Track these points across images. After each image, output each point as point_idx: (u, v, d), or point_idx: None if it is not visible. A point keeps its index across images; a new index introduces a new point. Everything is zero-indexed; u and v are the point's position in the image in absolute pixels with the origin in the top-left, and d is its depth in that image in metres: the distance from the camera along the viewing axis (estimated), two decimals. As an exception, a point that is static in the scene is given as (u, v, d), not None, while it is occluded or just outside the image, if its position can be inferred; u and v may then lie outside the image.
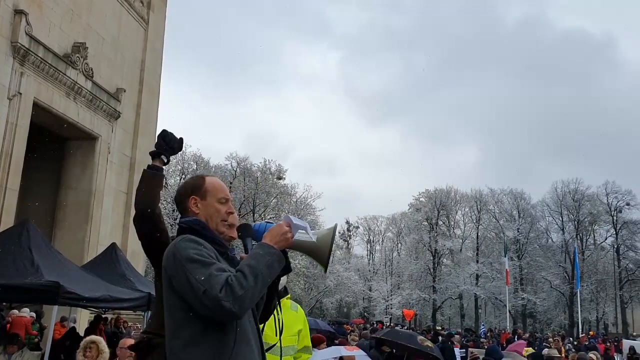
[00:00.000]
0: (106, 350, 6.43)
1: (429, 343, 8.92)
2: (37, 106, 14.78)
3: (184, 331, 2.20)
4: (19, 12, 14.09)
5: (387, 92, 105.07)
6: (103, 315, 13.81)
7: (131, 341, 5.94)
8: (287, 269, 2.45)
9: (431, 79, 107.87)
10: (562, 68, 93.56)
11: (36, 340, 13.28)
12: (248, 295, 2.10)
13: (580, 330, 42.96)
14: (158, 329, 2.76)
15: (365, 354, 8.69)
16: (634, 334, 40.76)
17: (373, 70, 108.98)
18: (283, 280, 3.27)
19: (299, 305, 4.44)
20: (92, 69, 16.97)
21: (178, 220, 2.56)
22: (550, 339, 23.02)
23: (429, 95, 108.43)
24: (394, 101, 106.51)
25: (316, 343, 9.35)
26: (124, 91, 18.86)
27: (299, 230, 2.39)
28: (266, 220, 2.72)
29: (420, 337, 8.92)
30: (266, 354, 3.60)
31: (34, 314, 14.03)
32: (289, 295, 4.32)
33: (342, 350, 8.22)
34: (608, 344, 25.69)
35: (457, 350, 15.03)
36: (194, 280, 2.11)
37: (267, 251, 2.24)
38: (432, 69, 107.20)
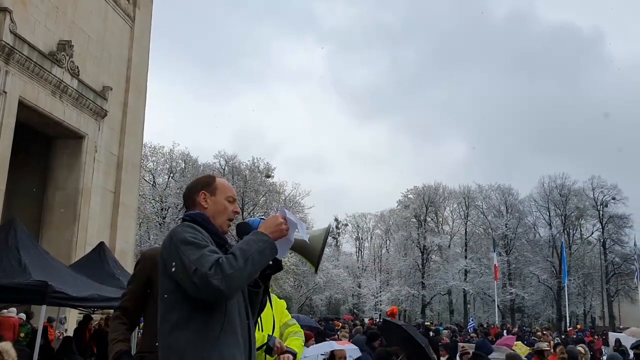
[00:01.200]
0: (12, 356, 6.42)
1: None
2: (22, 105, 14.63)
3: (172, 315, 2.26)
4: (2, 10, 13.91)
5: (375, 87, 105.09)
6: (92, 315, 13.71)
7: None
8: (278, 267, 2.52)
9: (420, 75, 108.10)
10: (550, 63, 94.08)
11: (25, 343, 13.13)
12: (237, 275, 2.15)
13: (567, 324, 43.35)
14: (150, 347, 2.78)
15: (357, 348, 8.72)
16: (621, 326, 41.16)
17: (361, 65, 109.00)
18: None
19: (274, 296, 4.44)
20: (77, 67, 16.81)
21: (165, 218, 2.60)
22: (539, 333, 23.21)
23: (417, 90, 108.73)
24: (382, 97, 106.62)
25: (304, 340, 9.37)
26: (111, 89, 18.71)
27: (295, 229, 2.43)
28: (259, 216, 2.76)
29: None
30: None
31: (23, 315, 13.86)
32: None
33: (334, 345, 8.25)
34: (596, 337, 25.93)
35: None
36: (186, 260, 2.19)
37: (260, 238, 2.30)
38: (420, 64, 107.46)
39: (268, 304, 2.73)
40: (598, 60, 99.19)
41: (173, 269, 2.24)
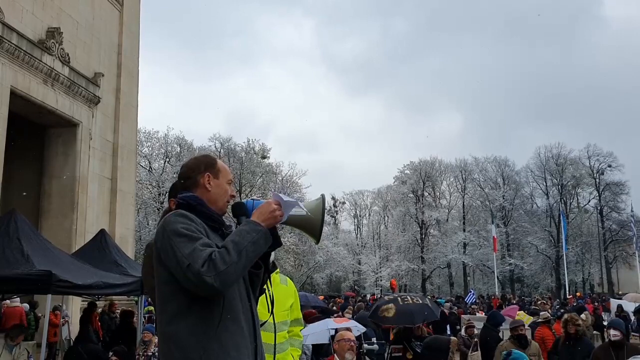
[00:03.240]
0: None
1: (387, 312, 8.41)
2: (14, 95, 14.48)
3: (170, 305, 2.23)
4: (-11, -1, 13.72)
5: (366, 59, 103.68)
6: (97, 302, 13.75)
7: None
8: (276, 243, 2.45)
9: (411, 45, 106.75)
10: (545, 27, 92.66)
11: (30, 331, 13.20)
12: (230, 271, 2.12)
13: (567, 292, 43.75)
14: None
15: (357, 324, 8.76)
16: (620, 292, 41.57)
17: (351, 37, 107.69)
18: (272, 255, 3.31)
19: (288, 279, 4.46)
20: (68, 54, 16.62)
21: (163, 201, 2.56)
22: (540, 302, 23.43)
23: (410, 61, 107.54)
24: (373, 69, 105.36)
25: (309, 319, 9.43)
26: (102, 75, 18.53)
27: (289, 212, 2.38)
28: (252, 198, 2.71)
29: (382, 307, 8.51)
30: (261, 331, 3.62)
31: (26, 305, 13.91)
32: (277, 270, 4.34)
33: (330, 323, 8.29)
34: (596, 304, 26.22)
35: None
36: (179, 254, 2.15)
37: (253, 228, 2.25)
38: (411, 34, 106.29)
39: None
40: (594, 23, 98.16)
41: (167, 260, 2.21)
